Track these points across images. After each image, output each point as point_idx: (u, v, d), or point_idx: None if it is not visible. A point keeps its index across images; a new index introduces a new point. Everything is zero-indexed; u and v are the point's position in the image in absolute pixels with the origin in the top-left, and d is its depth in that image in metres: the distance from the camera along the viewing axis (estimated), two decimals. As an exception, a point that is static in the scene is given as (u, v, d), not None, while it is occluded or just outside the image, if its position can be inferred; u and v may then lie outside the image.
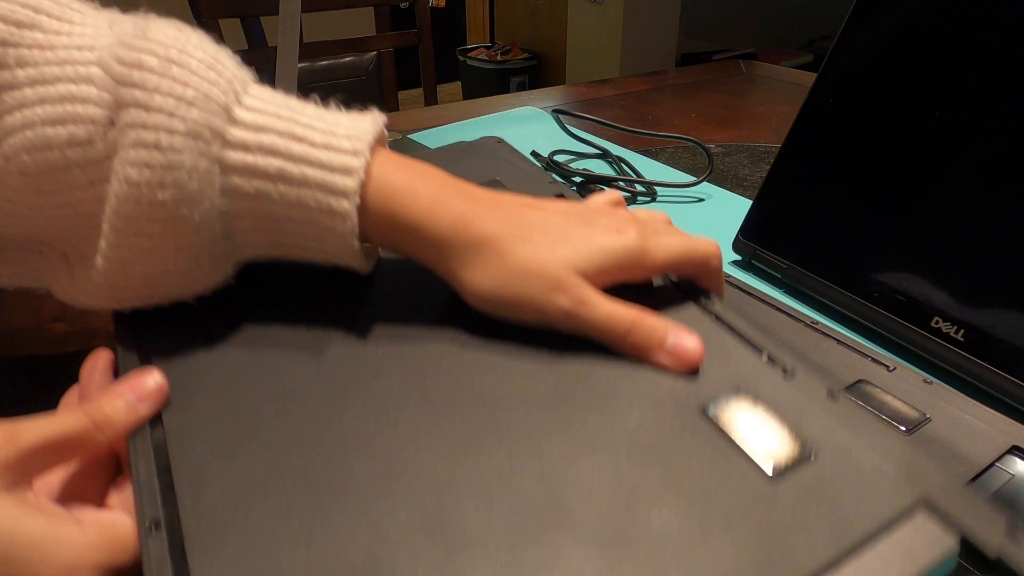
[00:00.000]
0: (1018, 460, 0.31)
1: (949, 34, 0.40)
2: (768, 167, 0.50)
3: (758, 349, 0.30)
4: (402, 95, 1.50)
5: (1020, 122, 0.36)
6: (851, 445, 0.25)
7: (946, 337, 0.38)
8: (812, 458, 0.25)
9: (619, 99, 0.98)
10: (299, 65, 1.09)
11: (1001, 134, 0.37)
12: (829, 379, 0.28)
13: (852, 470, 0.24)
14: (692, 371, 0.28)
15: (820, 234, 0.45)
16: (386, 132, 0.30)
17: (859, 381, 0.36)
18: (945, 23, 0.40)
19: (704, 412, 0.27)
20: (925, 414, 0.34)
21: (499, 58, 2.94)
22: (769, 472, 0.24)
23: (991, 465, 0.31)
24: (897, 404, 0.34)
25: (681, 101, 0.97)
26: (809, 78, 0.53)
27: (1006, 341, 0.36)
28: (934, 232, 0.40)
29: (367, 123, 0.29)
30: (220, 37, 1.10)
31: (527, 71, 2.93)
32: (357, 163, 0.27)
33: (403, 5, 1.29)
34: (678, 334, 0.28)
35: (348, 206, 0.27)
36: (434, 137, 0.80)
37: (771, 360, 0.29)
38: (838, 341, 0.40)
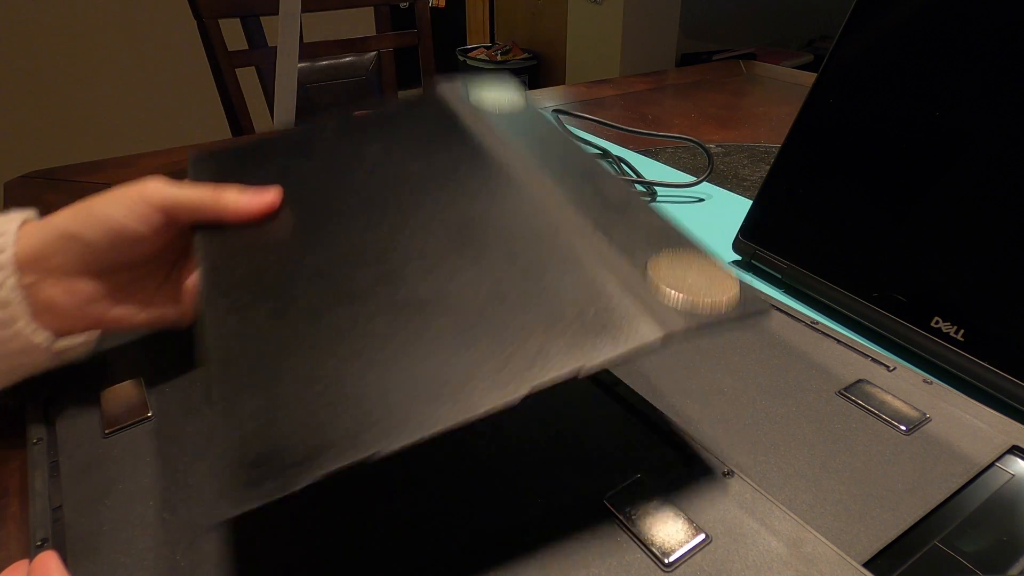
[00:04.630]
0: (1018, 460, 0.31)
1: (949, 34, 0.40)
2: (768, 167, 0.50)
3: (660, 432, 0.31)
4: (402, 95, 1.50)
5: (1020, 122, 0.36)
6: (745, 527, 0.27)
7: (946, 337, 0.38)
8: (707, 543, 0.26)
9: (619, 99, 0.98)
10: (299, 65, 1.09)
11: (1001, 134, 0.37)
12: (723, 463, 0.29)
13: (745, 553, 0.26)
14: (269, 206, 0.34)
15: (820, 234, 0.45)
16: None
17: (859, 381, 0.36)
18: (945, 23, 0.40)
19: (605, 503, 0.28)
20: (925, 414, 0.34)
21: (499, 58, 2.93)
22: (665, 561, 0.25)
23: (991, 465, 0.31)
24: (897, 404, 0.34)
25: (681, 101, 0.97)
26: (809, 78, 0.53)
27: (1006, 341, 0.36)
28: (934, 232, 0.40)
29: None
30: (220, 37, 1.10)
31: (527, 71, 2.92)
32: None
33: (403, 5, 1.29)
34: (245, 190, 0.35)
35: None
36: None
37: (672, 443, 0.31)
38: (838, 341, 0.40)
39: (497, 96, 0.41)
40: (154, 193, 0.34)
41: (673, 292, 0.25)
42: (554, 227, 0.29)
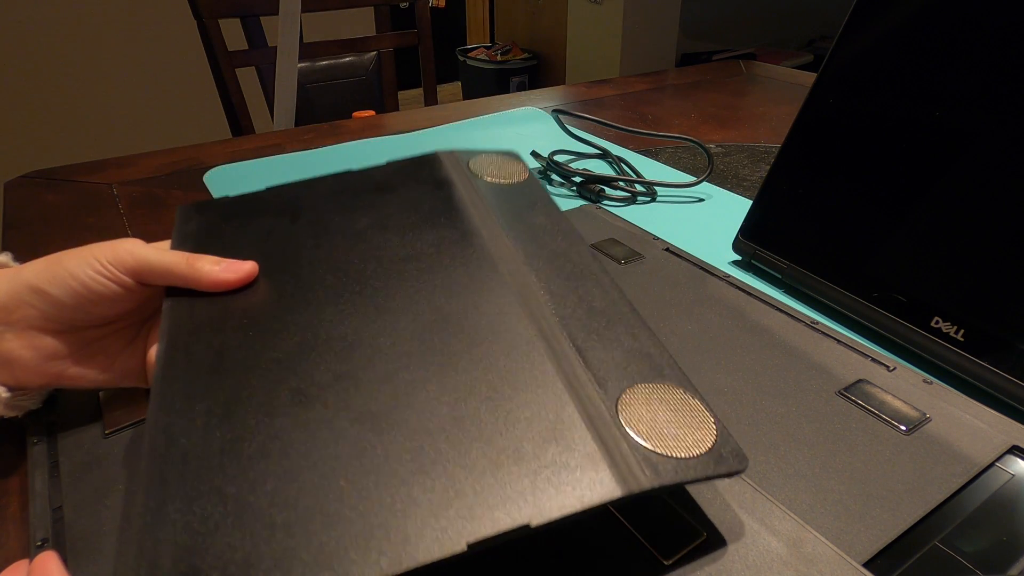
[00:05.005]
0: (1018, 460, 0.31)
1: (949, 34, 0.40)
2: (768, 167, 0.50)
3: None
4: (402, 95, 1.50)
5: (1020, 122, 0.36)
6: (745, 527, 0.27)
7: (946, 337, 0.38)
8: (707, 543, 0.26)
9: (619, 99, 0.98)
10: (299, 65, 1.09)
11: (1001, 134, 0.37)
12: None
13: (745, 553, 0.26)
14: (243, 280, 0.32)
15: (820, 234, 0.45)
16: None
17: (859, 381, 0.36)
18: (945, 23, 0.40)
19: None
20: (925, 414, 0.34)
21: (499, 58, 2.93)
22: (665, 561, 0.26)
23: (991, 465, 0.31)
24: (897, 404, 0.35)
25: (681, 101, 0.97)
26: (809, 78, 0.53)
27: (1006, 341, 0.36)
28: (934, 232, 0.40)
29: None
30: (220, 37, 1.10)
31: (527, 71, 2.92)
32: None
33: (403, 5, 1.29)
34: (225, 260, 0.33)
35: None
36: (434, 137, 0.80)
37: None
38: (838, 341, 0.40)
39: (498, 169, 0.40)
40: (126, 255, 0.32)
41: (642, 440, 0.24)
42: (529, 340, 0.28)
